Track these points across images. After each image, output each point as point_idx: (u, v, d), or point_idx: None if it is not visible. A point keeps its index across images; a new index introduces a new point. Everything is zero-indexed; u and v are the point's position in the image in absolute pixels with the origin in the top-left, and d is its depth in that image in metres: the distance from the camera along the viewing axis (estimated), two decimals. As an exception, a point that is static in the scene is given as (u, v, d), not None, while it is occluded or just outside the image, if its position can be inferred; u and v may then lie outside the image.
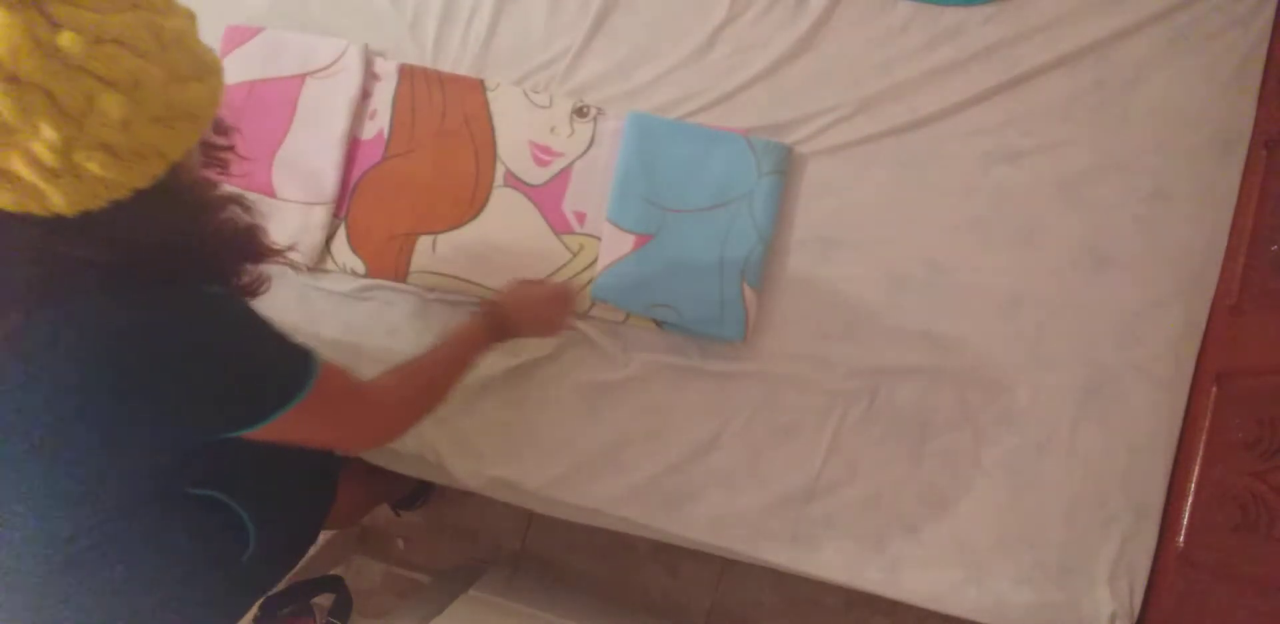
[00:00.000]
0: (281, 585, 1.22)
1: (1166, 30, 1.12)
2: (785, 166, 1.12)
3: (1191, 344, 1.07)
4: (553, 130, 1.17)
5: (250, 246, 0.76)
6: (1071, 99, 1.12)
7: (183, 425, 0.67)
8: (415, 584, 1.61)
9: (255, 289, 0.80)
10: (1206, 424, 1.02)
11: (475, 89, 1.18)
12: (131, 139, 0.56)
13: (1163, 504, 1.03)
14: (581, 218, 1.15)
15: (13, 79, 0.50)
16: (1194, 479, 1.01)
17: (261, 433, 0.71)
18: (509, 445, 1.10)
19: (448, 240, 1.15)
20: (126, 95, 0.54)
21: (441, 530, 1.66)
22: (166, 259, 0.65)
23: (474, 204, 1.16)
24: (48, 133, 0.52)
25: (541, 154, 1.17)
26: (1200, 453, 1.01)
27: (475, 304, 1.14)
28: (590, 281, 1.12)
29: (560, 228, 1.15)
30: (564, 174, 1.16)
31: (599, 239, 1.13)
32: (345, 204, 1.17)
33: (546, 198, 1.16)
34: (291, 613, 1.12)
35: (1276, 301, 0.99)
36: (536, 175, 1.17)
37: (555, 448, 1.10)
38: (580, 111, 1.17)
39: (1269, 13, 1.12)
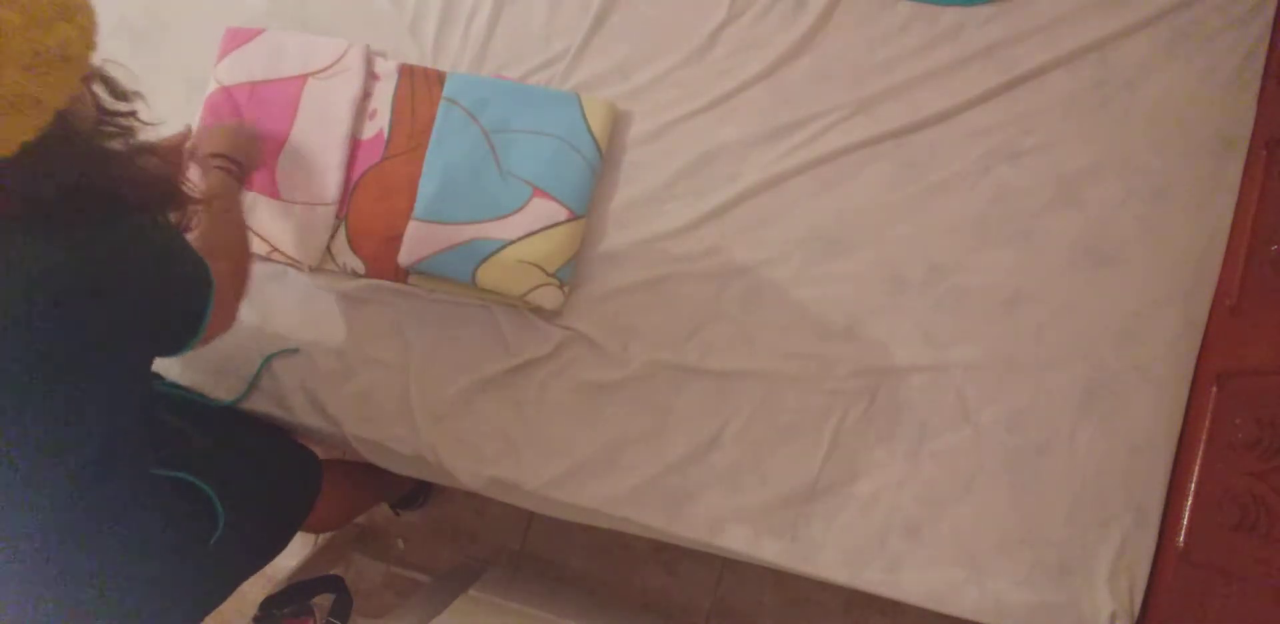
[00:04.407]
0: (281, 586, 1.22)
1: (1166, 30, 1.12)
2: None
3: (1191, 344, 1.06)
4: (552, 130, 1.17)
5: (168, 195, 0.75)
6: (1071, 99, 1.12)
7: (127, 350, 0.69)
8: (415, 584, 1.61)
9: (182, 228, 0.80)
10: (1206, 424, 1.02)
11: (475, 89, 1.18)
12: (3, 90, 0.53)
13: (1163, 504, 1.03)
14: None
15: None
16: (1194, 479, 1.01)
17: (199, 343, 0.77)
18: (509, 445, 1.10)
19: (448, 240, 1.16)
20: None
21: (441, 530, 1.66)
22: (72, 207, 0.64)
23: (474, 204, 1.16)
24: None
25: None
26: (1200, 453, 1.01)
27: (476, 304, 1.14)
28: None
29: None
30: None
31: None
32: (345, 204, 1.17)
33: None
34: (291, 613, 1.12)
35: (1276, 301, 0.99)
36: (536, 175, 1.17)
37: (555, 448, 1.10)
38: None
39: (1269, 13, 1.12)
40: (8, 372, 0.61)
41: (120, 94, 0.67)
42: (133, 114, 0.69)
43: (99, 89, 0.65)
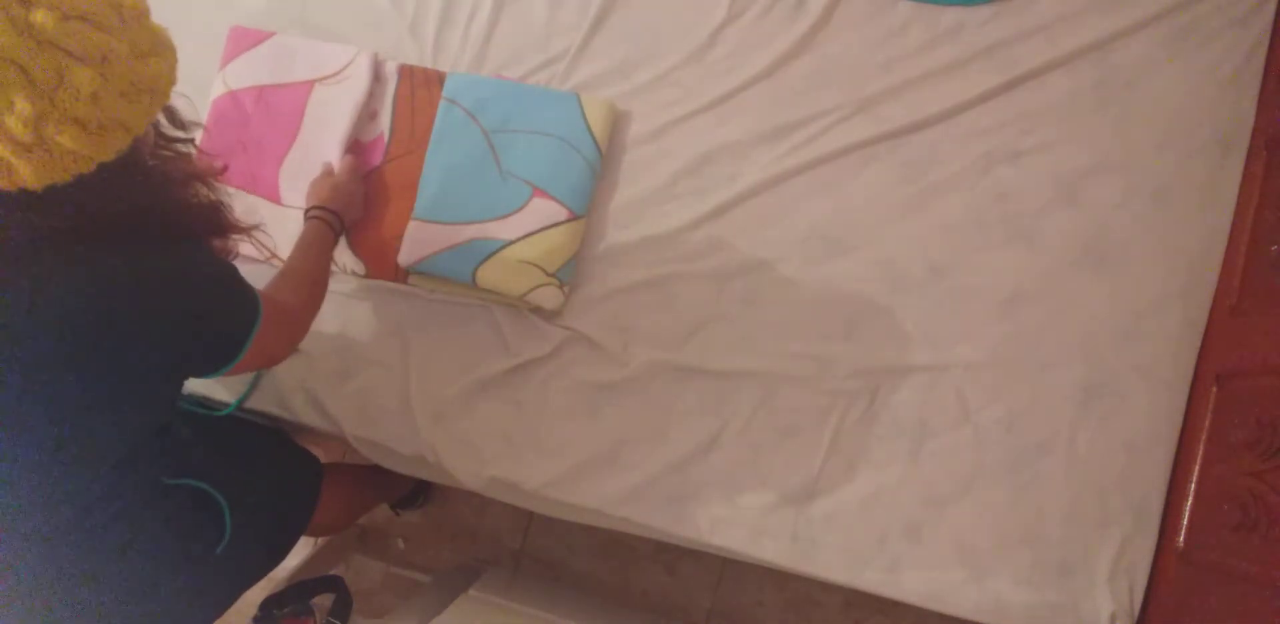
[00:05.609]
0: (281, 586, 1.22)
1: (1166, 30, 1.12)
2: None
3: (1191, 344, 1.07)
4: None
5: (214, 221, 0.79)
6: (1071, 99, 1.12)
7: (163, 359, 0.70)
8: (415, 584, 1.61)
9: (226, 255, 0.84)
10: (1206, 424, 1.02)
11: (475, 89, 1.18)
12: (100, 112, 0.58)
13: (1162, 504, 1.03)
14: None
15: None
16: (1194, 479, 1.01)
17: (238, 365, 0.78)
18: (509, 445, 1.10)
19: (448, 240, 1.15)
20: (95, 70, 0.56)
21: (441, 530, 1.66)
22: (130, 229, 0.67)
23: (474, 204, 1.16)
24: (21, 107, 0.54)
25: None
26: (1200, 453, 1.01)
27: (476, 304, 1.14)
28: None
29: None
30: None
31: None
32: (345, 204, 1.17)
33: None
34: (291, 613, 1.12)
35: (1276, 302, 0.99)
36: (536, 175, 1.17)
37: (555, 448, 1.10)
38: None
39: (1269, 13, 1.12)
40: (50, 360, 0.63)
41: (179, 123, 0.72)
42: (190, 141, 0.74)
43: (161, 116, 0.70)
